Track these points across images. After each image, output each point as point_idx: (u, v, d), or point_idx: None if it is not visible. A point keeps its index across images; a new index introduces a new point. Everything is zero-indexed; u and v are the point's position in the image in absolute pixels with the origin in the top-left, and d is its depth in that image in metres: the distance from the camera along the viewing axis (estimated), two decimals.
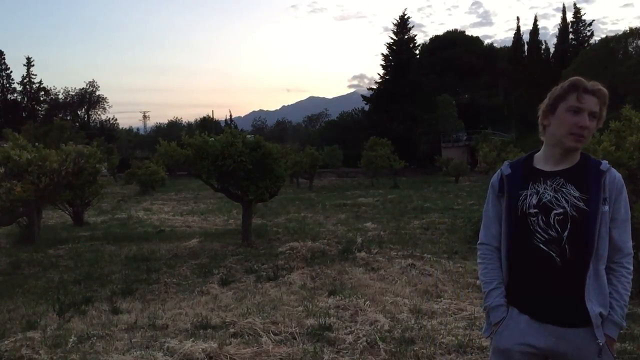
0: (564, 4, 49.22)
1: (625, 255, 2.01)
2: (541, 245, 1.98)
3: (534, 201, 2.01)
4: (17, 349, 4.35)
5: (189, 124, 73.13)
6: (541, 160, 2.10)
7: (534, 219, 2.00)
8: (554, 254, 1.96)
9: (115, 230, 12.53)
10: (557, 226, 1.96)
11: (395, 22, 51.93)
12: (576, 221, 1.95)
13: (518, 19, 50.89)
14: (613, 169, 2.02)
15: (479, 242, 2.25)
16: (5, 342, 4.56)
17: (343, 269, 7.54)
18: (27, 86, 64.86)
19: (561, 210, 1.97)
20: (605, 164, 2.02)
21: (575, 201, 1.96)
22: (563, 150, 2.03)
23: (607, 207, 1.95)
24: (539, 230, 1.99)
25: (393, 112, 46.86)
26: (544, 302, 1.99)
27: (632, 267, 2.02)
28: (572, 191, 1.98)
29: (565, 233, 1.95)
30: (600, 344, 1.92)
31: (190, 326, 4.91)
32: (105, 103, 71.68)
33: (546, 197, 2.00)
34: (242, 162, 9.28)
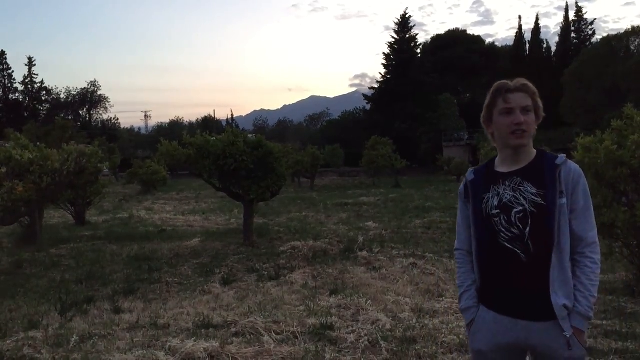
0: (567, 3, 49.16)
1: (588, 244, 2.03)
2: (506, 244, 2.04)
3: (496, 202, 2.09)
4: (19, 349, 4.35)
5: (191, 124, 73.16)
6: (500, 164, 2.18)
7: (496, 219, 2.07)
8: (518, 251, 2.02)
9: (117, 229, 12.54)
10: (518, 224, 2.02)
11: (396, 21, 51.94)
12: (536, 217, 2.00)
13: (520, 17, 50.86)
14: (570, 162, 2.06)
15: (454, 248, 2.35)
16: (8, 341, 4.56)
17: (345, 268, 7.54)
18: (29, 86, 65.01)
19: (521, 208, 2.03)
20: (561, 158, 2.06)
21: (533, 197, 2.02)
22: (513, 150, 2.10)
23: (564, 200, 2.00)
24: (502, 229, 2.05)
25: (394, 112, 46.85)
26: (513, 298, 2.05)
27: (597, 256, 2.03)
28: (529, 188, 2.04)
29: (527, 229, 2.01)
30: (567, 335, 1.96)
31: (191, 325, 4.91)
32: (106, 103, 71.87)
33: (506, 197, 2.07)
34: (244, 162, 9.28)
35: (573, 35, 48.52)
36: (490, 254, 2.11)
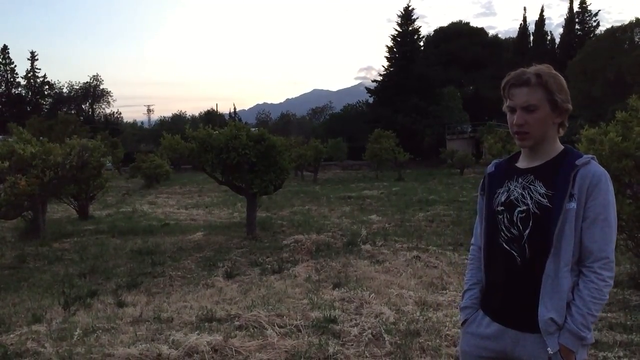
0: None
1: (598, 259, 1.79)
2: (504, 244, 1.91)
3: (503, 198, 1.95)
4: (23, 342, 4.36)
5: (193, 117, 73.09)
6: (521, 158, 2.02)
7: (500, 216, 1.94)
8: (515, 254, 1.88)
9: (120, 223, 12.55)
10: (519, 224, 1.88)
11: (399, 13, 51.63)
12: (538, 219, 1.83)
13: (525, 9, 50.59)
14: (593, 164, 1.83)
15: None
16: (11, 335, 4.58)
17: (348, 261, 7.53)
18: (32, 80, 64.98)
19: (524, 207, 1.87)
20: (584, 158, 1.84)
21: (540, 198, 1.84)
22: (523, 148, 1.97)
23: (573, 204, 1.78)
24: (504, 228, 1.92)
25: (398, 104, 46.69)
26: (504, 303, 1.93)
27: (607, 274, 1.79)
28: (538, 188, 1.86)
29: (527, 231, 1.86)
30: (550, 352, 1.77)
31: (195, 319, 4.91)
32: (109, 97, 71.99)
33: (513, 195, 1.92)
34: (247, 155, 9.27)
35: (577, 27, 48.20)
36: (491, 252, 1.99)
